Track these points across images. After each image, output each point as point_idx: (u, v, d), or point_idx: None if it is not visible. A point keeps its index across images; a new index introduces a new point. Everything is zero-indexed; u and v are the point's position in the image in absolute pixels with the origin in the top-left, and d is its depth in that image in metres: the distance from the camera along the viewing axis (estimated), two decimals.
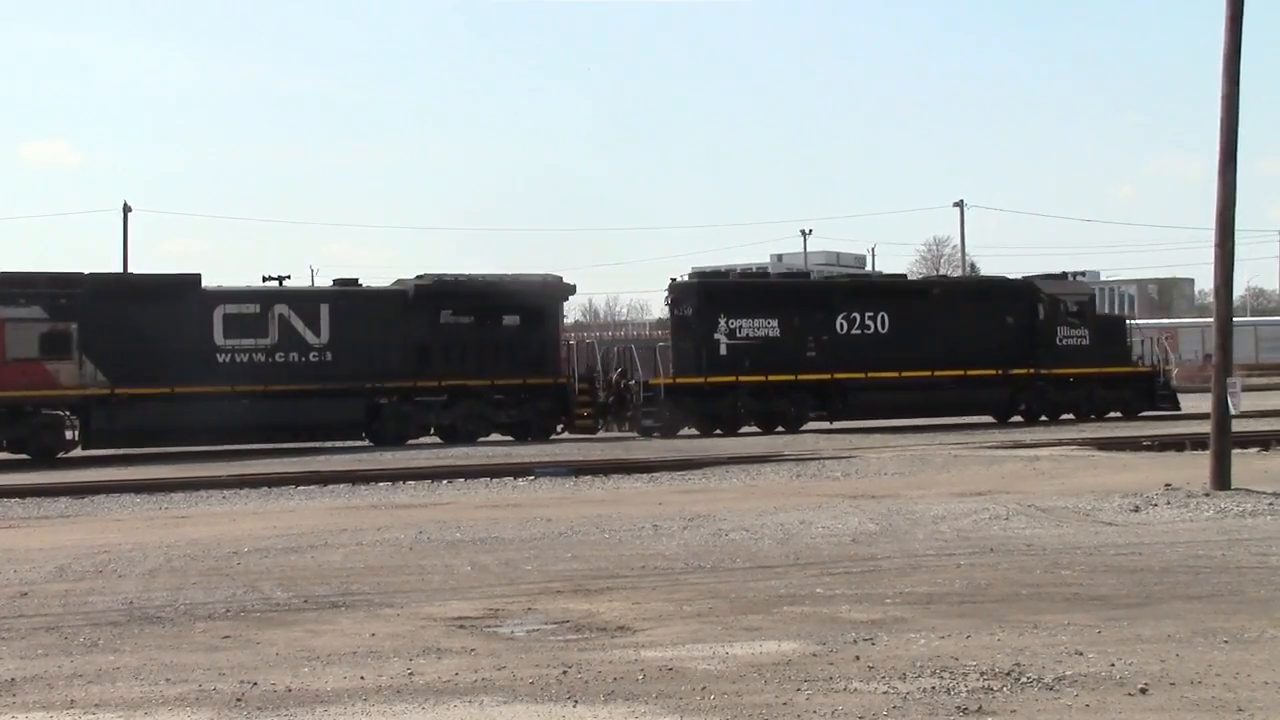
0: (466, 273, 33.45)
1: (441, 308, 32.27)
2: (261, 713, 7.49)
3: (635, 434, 33.93)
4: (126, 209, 56.39)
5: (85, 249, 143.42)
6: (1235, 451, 18.96)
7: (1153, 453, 26.05)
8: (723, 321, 34.47)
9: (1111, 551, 13.15)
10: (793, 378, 34.49)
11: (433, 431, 32.28)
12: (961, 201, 57.53)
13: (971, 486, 19.94)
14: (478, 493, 21.17)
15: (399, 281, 33.17)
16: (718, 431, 33.88)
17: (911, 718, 7.15)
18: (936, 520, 15.67)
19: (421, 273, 32.93)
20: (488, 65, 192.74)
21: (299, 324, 31.19)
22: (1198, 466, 19.52)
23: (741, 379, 34.22)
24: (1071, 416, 36.83)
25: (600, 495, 20.38)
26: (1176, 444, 26.68)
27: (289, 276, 31.94)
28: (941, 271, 40.59)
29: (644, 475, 23.06)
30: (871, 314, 35.66)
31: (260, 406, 30.31)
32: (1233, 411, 18.10)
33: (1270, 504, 16.44)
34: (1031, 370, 36.51)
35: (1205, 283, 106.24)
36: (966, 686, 7.70)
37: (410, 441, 31.55)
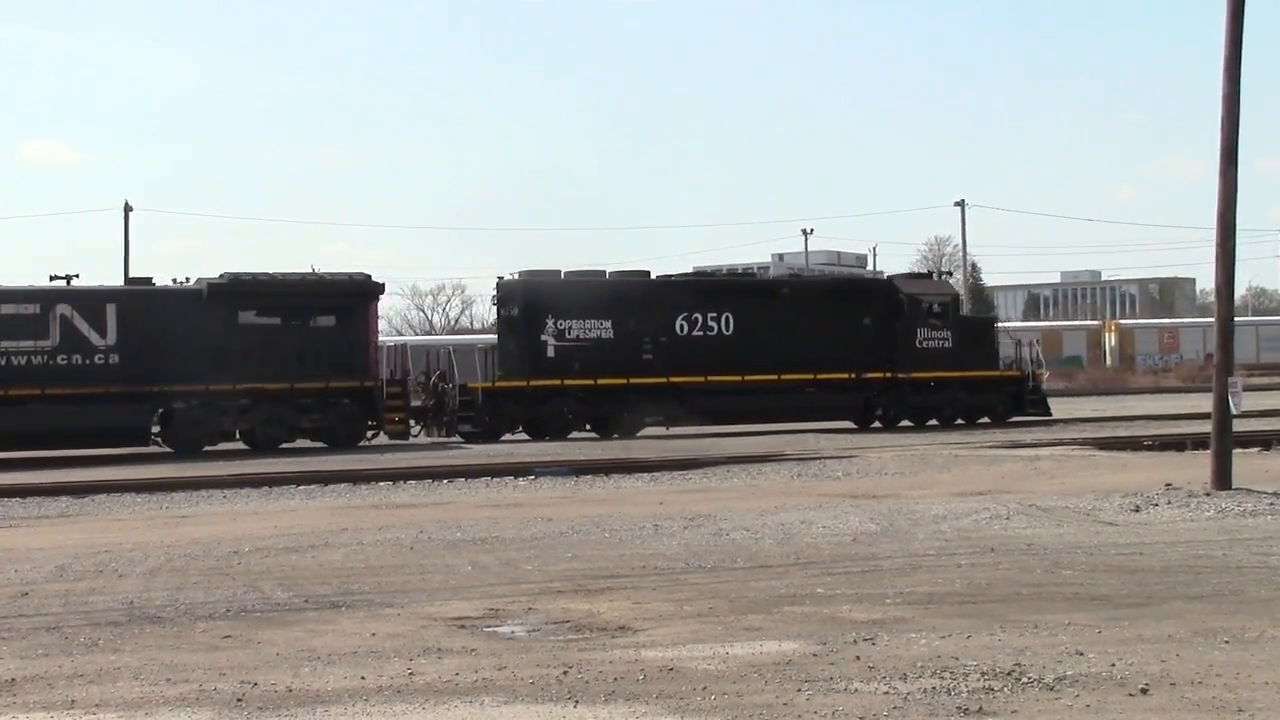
0: (268, 271, 31.72)
1: (241, 308, 30.69)
2: (262, 713, 7.49)
3: (458, 439, 32.70)
4: (127, 209, 56.43)
5: (84, 249, 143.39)
6: (1236, 451, 18.95)
7: (1153, 452, 26.04)
8: (551, 322, 33.07)
9: (1112, 551, 13.15)
10: (625, 381, 33.07)
11: (238, 437, 30.89)
12: (962, 201, 57.64)
13: (972, 486, 19.94)
14: (478, 492, 21.17)
15: (198, 280, 31.26)
16: (547, 437, 32.37)
17: (912, 718, 7.14)
18: (937, 520, 15.66)
19: (224, 271, 31.34)
20: (488, 65, 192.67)
21: (83, 325, 29.50)
22: (1198, 466, 19.51)
23: (568, 382, 32.89)
24: (936, 423, 35.60)
25: (601, 495, 20.38)
26: (1177, 444, 26.67)
27: (77, 275, 30.25)
28: (943, 271, 38.33)
29: (645, 475, 23.06)
30: (714, 315, 34.17)
31: (39, 411, 28.91)
32: (1234, 411, 18.10)
33: (1271, 504, 16.44)
34: (888, 374, 35.14)
35: (1206, 282, 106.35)
36: (967, 687, 7.70)
37: (208, 449, 30.17)
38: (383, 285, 32.62)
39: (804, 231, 72.27)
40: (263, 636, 9.60)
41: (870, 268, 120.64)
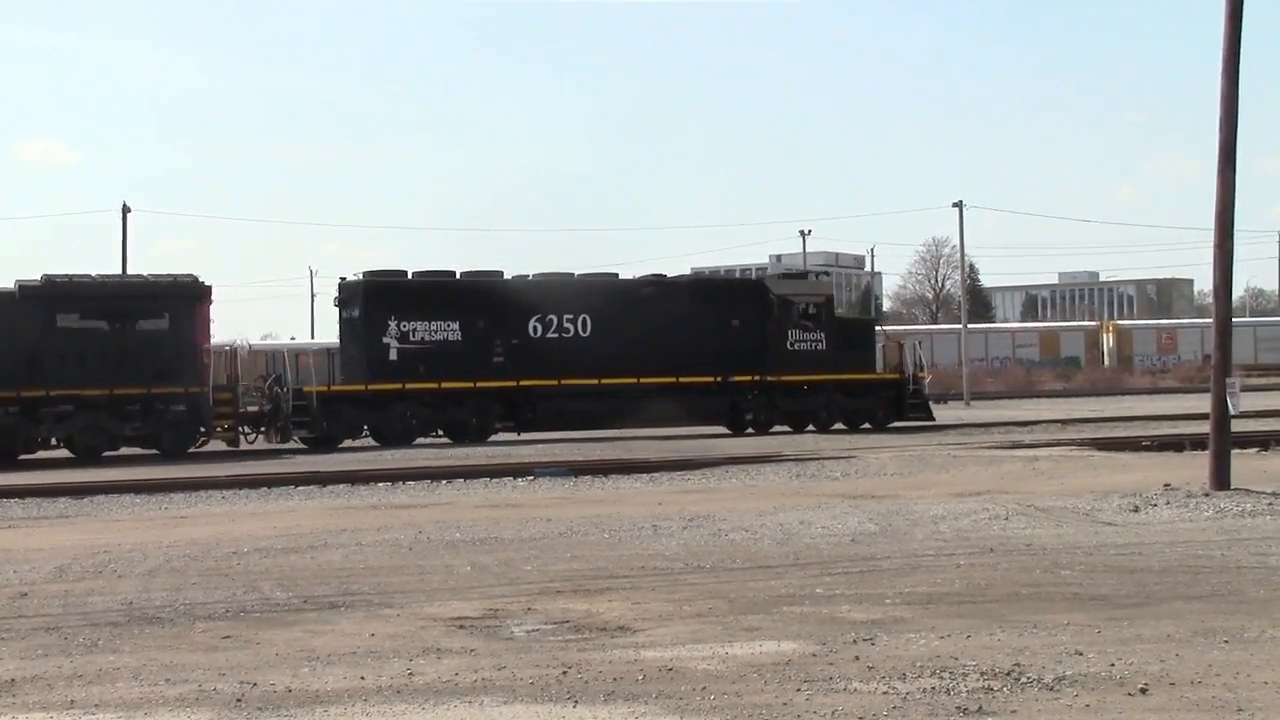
0: (89, 272, 30.49)
1: (60, 311, 29.21)
2: (261, 713, 7.49)
3: (297, 444, 31.61)
4: (126, 209, 56.36)
5: (83, 249, 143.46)
6: (1234, 451, 18.96)
7: (1152, 453, 26.04)
8: (394, 324, 32.02)
9: (1111, 551, 13.15)
10: (471, 385, 32.17)
11: (55, 445, 29.60)
12: (961, 202, 57.38)
13: (971, 486, 19.94)
14: (477, 493, 21.17)
15: (15, 283, 29.77)
16: (396, 445, 31.28)
17: (911, 718, 7.15)
18: (936, 520, 15.67)
19: (44, 273, 29.91)
20: (488, 65, 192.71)
21: None
22: (1197, 466, 19.52)
23: (411, 386, 31.82)
24: (813, 428, 34.69)
25: (600, 495, 20.38)
26: (1175, 444, 26.68)
27: None
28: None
29: (644, 475, 23.06)
30: (571, 316, 33.18)
31: None
32: (1232, 412, 18.11)
33: (1270, 504, 16.44)
34: (756, 377, 34.12)
35: (1205, 283, 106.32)
36: (966, 687, 7.70)
37: (23, 457, 29.02)
38: (209, 288, 30.62)
39: (802, 233, 72.14)
40: (262, 637, 9.60)
41: (868, 269, 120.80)
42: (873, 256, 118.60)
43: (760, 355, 34.21)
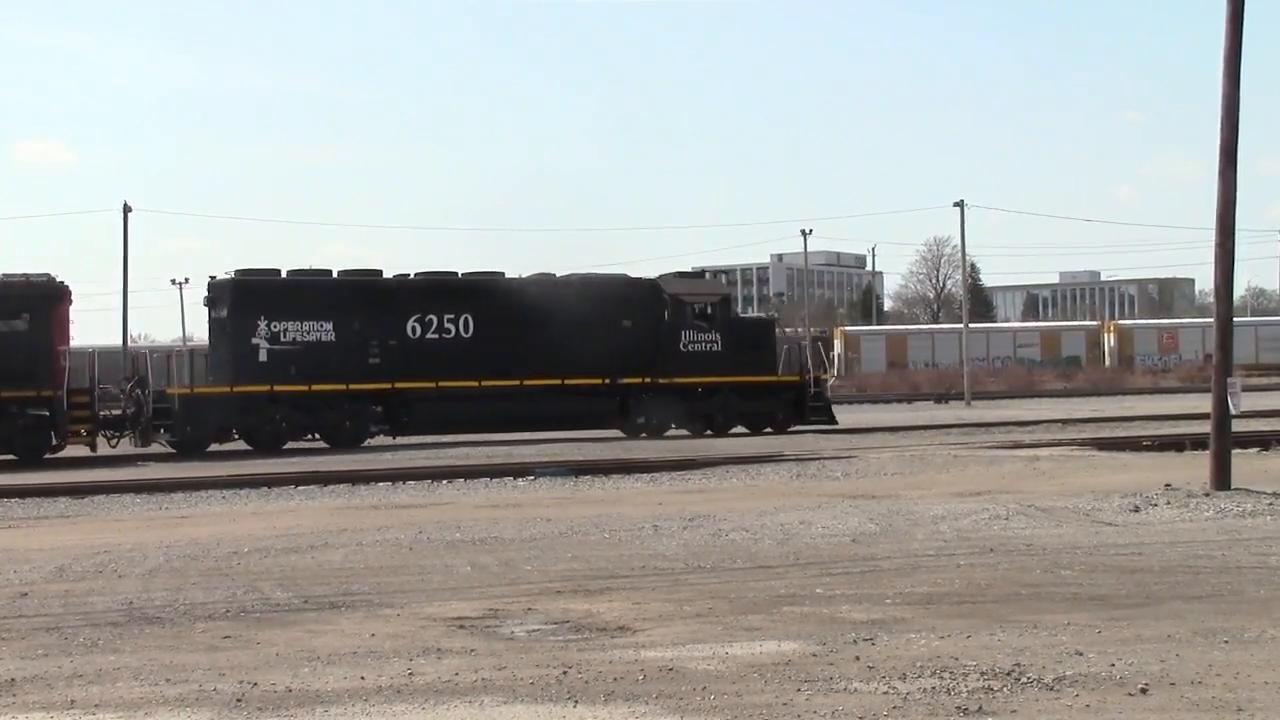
0: None
1: None
2: (261, 713, 7.49)
3: (160, 448, 30.50)
4: (126, 209, 56.35)
5: (83, 249, 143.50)
6: (1235, 451, 18.95)
7: (1152, 453, 26.05)
8: (263, 324, 30.77)
9: (1111, 551, 13.15)
10: (344, 387, 30.96)
11: None
12: (962, 201, 57.40)
13: (971, 486, 19.94)
14: (478, 493, 21.17)
15: None
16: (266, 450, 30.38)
17: (912, 718, 7.14)
18: (936, 520, 15.66)
19: None
20: (489, 65, 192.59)
21: None
22: (1197, 466, 19.51)
23: (280, 389, 30.65)
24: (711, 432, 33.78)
25: (600, 495, 20.37)
26: (1176, 444, 26.71)
27: None
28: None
29: (644, 475, 23.06)
30: (452, 316, 32.12)
31: None
32: (1233, 411, 18.10)
33: (1270, 504, 16.44)
34: (647, 379, 33.24)
35: (1205, 283, 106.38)
36: (966, 687, 7.70)
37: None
38: (66, 288, 29.28)
39: (803, 232, 72.03)
40: (262, 637, 9.60)
41: (869, 268, 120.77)
42: (874, 256, 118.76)
43: (653, 357, 33.34)
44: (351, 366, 31.23)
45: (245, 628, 9.98)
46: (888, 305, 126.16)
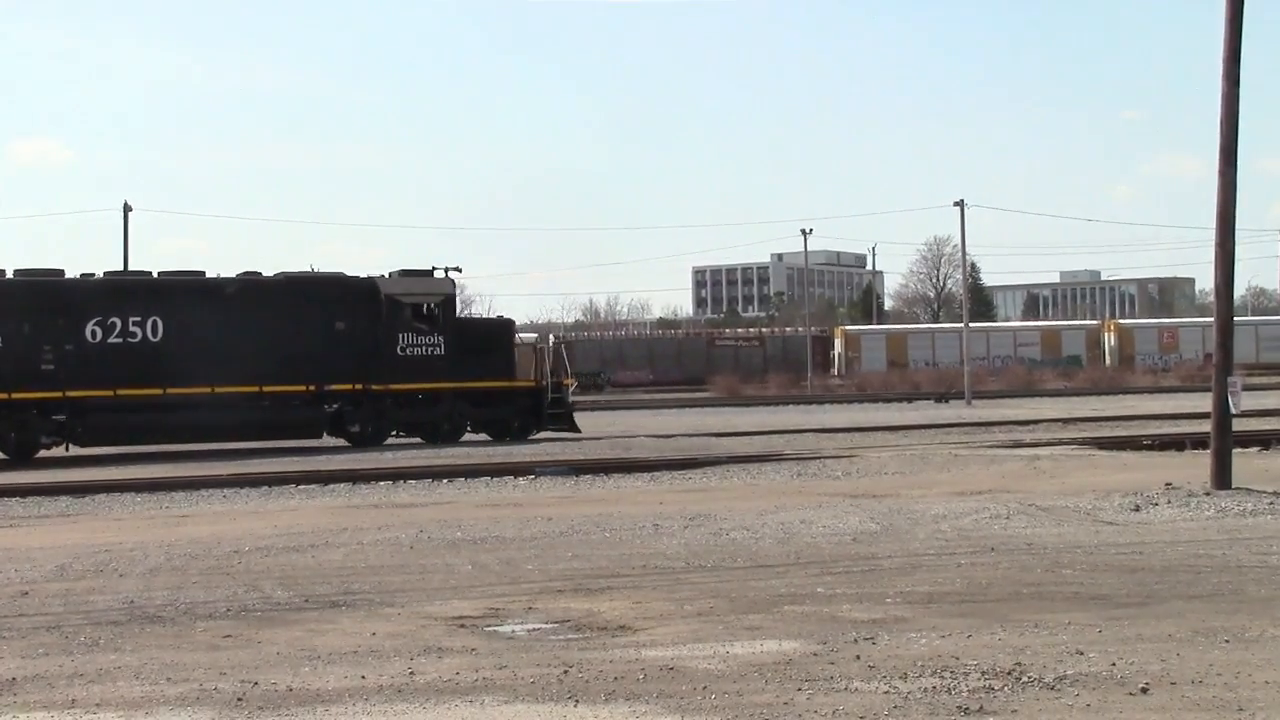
0: None
1: None
2: (262, 712, 7.49)
3: None
4: (127, 208, 56.36)
5: (82, 248, 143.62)
6: (1236, 451, 18.94)
7: (1153, 452, 26.04)
8: None
9: (1112, 551, 13.15)
10: (7, 396, 28.33)
11: None
12: (962, 201, 57.33)
13: (972, 486, 19.94)
14: (478, 492, 21.17)
15: None
16: None
17: (912, 717, 7.14)
18: (937, 519, 15.66)
19: None
20: (489, 65, 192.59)
21: None
22: (1198, 466, 19.51)
23: None
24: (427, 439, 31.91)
25: (601, 494, 20.37)
26: (1177, 443, 26.71)
27: None
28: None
29: (645, 474, 23.06)
30: (139, 319, 29.54)
31: None
32: (1234, 411, 18.10)
33: (1271, 503, 16.43)
34: (360, 386, 31.11)
35: (1206, 282, 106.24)
36: (967, 686, 7.70)
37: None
38: None
39: (803, 231, 72.04)
40: (263, 636, 9.60)
41: (870, 267, 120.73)
42: (874, 255, 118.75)
43: (367, 362, 31.16)
44: (20, 374, 28.64)
45: (246, 627, 9.99)
46: (888, 305, 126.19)
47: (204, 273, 31.47)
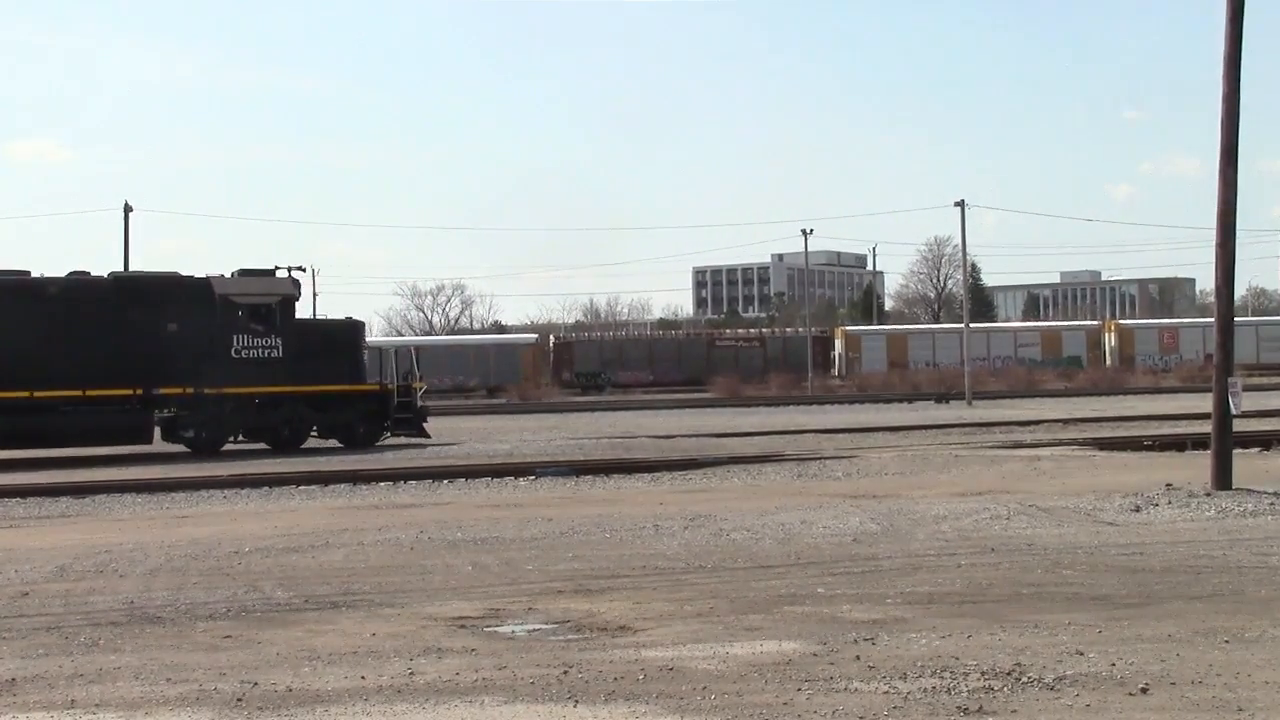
0: None
1: None
2: (262, 712, 7.49)
3: None
4: (127, 209, 56.35)
5: (82, 249, 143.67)
6: (1236, 451, 18.94)
7: (1153, 452, 26.04)
8: None
9: (1112, 551, 13.15)
10: None
11: None
12: (962, 201, 57.35)
13: (972, 486, 19.94)
14: (479, 492, 21.17)
15: None
16: None
17: (912, 717, 7.14)
18: (937, 520, 15.66)
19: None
20: (489, 65, 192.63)
21: None
22: (1198, 466, 19.51)
23: None
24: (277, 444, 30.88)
25: (601, 495, 20.37)
26: (1177, 444, 26.71)
27: None
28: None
29: (645, 475, 23.06)
30: None
31: None
32: (1234, 411, 18.10)
33: (1271, 504, 16.43)
34: (191, 390, 29.86)
35: (1206, 282, 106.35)
36: (967, 686, 7.70)
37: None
38: None
39: (804, 232, 72.03)
40: (263, 636, 9.60)
41: (870, 268, 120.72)
42: (874, 255, 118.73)
43: (200, 364, 29.94)
44: None
45: (246, 627, 9.99)
46: (888, 305, 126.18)
47: (29, 272, 30.26)
